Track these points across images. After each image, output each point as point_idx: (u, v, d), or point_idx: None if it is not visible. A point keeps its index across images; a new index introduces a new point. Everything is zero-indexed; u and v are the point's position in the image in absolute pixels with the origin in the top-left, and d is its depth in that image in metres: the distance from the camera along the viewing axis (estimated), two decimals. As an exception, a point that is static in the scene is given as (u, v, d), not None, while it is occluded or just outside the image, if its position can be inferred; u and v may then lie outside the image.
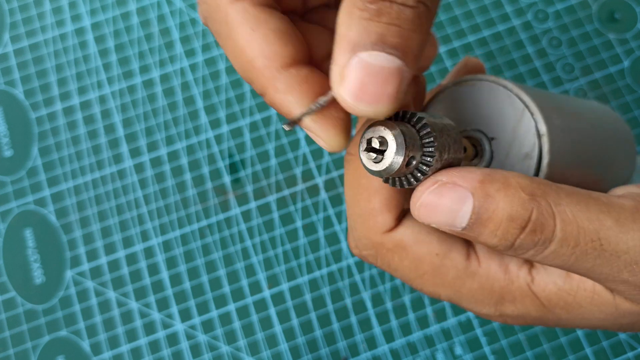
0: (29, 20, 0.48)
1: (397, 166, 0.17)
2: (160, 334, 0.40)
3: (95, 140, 0.45)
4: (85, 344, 0.40)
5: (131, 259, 0.42)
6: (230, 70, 0.46)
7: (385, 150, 0.18)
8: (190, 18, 0.47)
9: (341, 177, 0.43)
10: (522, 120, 0.22)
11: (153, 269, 0.42)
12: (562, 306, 0.21)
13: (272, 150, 0.44)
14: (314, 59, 0.21)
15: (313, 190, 0.43)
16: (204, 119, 0.45)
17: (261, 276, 0.41)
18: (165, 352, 0.40)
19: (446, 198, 0.18)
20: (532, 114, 0.22)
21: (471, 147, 0.22)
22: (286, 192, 0.43)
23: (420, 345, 0.40)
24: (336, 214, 0.42)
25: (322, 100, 0.19)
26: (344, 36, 0.16)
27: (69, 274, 0.42)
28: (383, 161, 0.18)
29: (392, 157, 0.17)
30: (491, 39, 0.46)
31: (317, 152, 0.44)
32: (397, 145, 0.17)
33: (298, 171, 0.44)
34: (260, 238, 0.42)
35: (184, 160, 0.44)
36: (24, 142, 0.45)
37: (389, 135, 0.17)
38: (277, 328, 0.40)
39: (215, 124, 0.45)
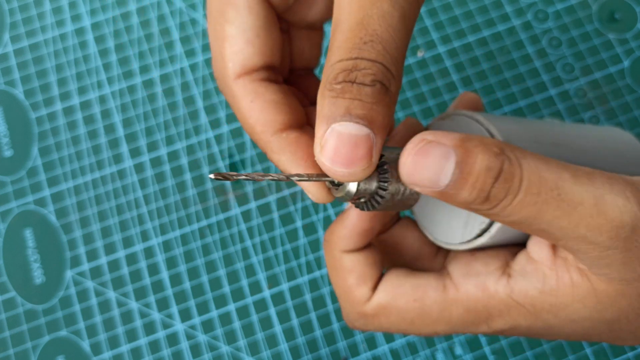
0: (29, 20, 0.48)
1: (352, 193, 0.21)
2: (160, 334, 0.40)
3: (95, 140, 0.45)
4: (85, 344, 0.40)
5: (131, 259, 0.42)
6: (230, 70, 0.46)
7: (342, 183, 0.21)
8: (190, 18, 0.47)
9: (341, 177, 0.43)
10: None
11: (153, 269, 0.42)
12: (548, 309, 0.22)
13: (272, 150, 0.44)
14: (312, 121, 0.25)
15: (313, 190, 0.43)
16: (204, 119, 0.45)
17: (261, 276, 0.41)
18: (165, 352, 0.40)
19: (432, 155, 0.20)
20: None
21: None
22: (286, 192, 0.43)
23: (420, 345, 0.40)
24: (336, 214, 0.42)
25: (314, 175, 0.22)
26: (319, 113, 0.20)
27: (69, 274, 0.42)
28: (340, 188, 0.22)
29: (349, 186, 0.21)
30: (491, 39, 0.46)
31: (317, 152, 0.44)
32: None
33: (298, 171, 0.44)
34: (260, 238, 0.42)
35: (184, 160, 0.44)
36: (24, 142, 0.45)
37: None
38: (277, 328, 0.40)
39: (215, 124, 0.45)
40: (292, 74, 0.28)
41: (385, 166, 0.21)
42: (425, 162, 0.19)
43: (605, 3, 0.47)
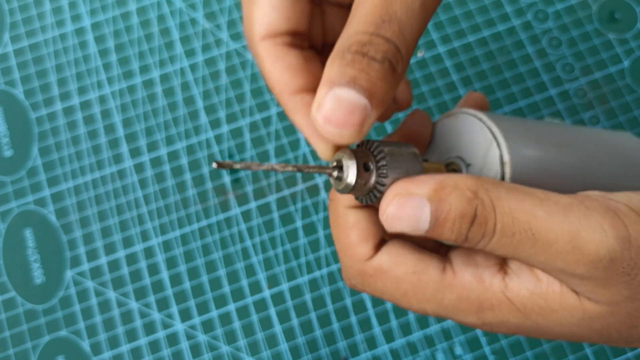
0: (29, 20, 0.48)
1: (351, 186, 0.22)
2: (160, 334, 0.40)
3: (95, 140, 0.45)
4: (85, 344, 0.40)
5: (131, 259, 0.42)
6: (230, 70, 0.46)
7: (342, 176, 0.22)
8: (190, 18, 0.47)
9: (341, 177, 0.43)
10: (490, 149, 0.25)
11: (153, 269, 0.42)
12: (537, 311, 0.22)
13: (272, 150, 0.44)
14: None
15: (313, 190, 0.43)
16: (204, 119, 0.45)
17: (261, 276, 0.41)
18: (165, 352, 0.40)
19: (407, 208, 0.21)
20: (498, 143, 0.24)
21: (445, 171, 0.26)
22: (286, 192, 0.43)
23: (420, 345, 0.40)
24: (336, 214, 0.42)
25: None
26: (325, 75, 0.21)
27: (69, 274, 0.42)
28: (342, 182, 0.22)
29: (348, 179, 0.22)
30: (491, 39, 0.46)
31: (317, 152, 0.44)
32: (351, 169, 0.22)
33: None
34: (260, 238, 0.42)
35: (184, 160, 0.44)
36: (24, 142, 0.45)
37: (346, 162, 0.22)
38: (277, 328, 0.40)
39: (215, 124, 0.45)
40: (325, 47, 0.29)
41: (383, 161, 0.22)
42: (402, 215, 0.21)
43: (605, 3, 0.47)
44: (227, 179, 0.44)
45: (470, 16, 0.47)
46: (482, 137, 0.25)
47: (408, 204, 0.21)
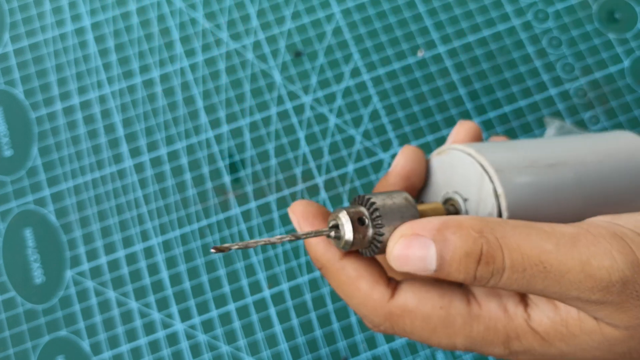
0: (29, 20, 0.48)
1: (350, 242, 0.23)
2: (160, 333, 0.40)
3: (95, 140, 0.45)
4: (85, 344, 0.40)
5: (131, 258, 0.42)
6: (230, 70, 0.46)
7: (340, 236, 0.23)
8: (190, 18, 0.47)
9: (341, 176, 0.43)
10: (483, 183, 0.25)
11: (153, 269, 0.42)
12: (560, 338, 0.22)
13: (272, 150, 0.44)
14: None
15: (313, 190, 0.43)
16: (204, 118, 0.45)
17: (261, 276, 0.41)
18: (165, 352, 0.40)
19: (413, 248, 0.21)
20: (490, 177, 0.25)
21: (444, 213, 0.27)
22: (286, 192, 0.43)
23: (420, 345, 0.40)
24: (336, 213, 0.42)
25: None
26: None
27: (69, 273, 0.42)
28: (340, 240, 0.23)
29: (346, 236, 0.23)
30: (491, 39, 0.46)
31: (317, 152, 0.44)
32: (347, 227, 0.23)
33: (298, 171, 0.44)
34: (260, 238, 0.42)
35: (184, 160, 0.44)
36: (24, 142, 0.45)
37: (341, 221, 0.23)
38: (277, 328, 0.40)
39: (215, 123, 0.45)
40: None
41: (376, 212, 0.23)
42: (408, 255, 0.21)
43: (605, 3, 0.47)
44: (227, 178, 0.44)
45: (470, 16, 0.47)
46: (474, 172, 0.25)
47: (413, 243, 0.21)
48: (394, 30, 0.47)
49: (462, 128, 0.31)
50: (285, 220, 0.42)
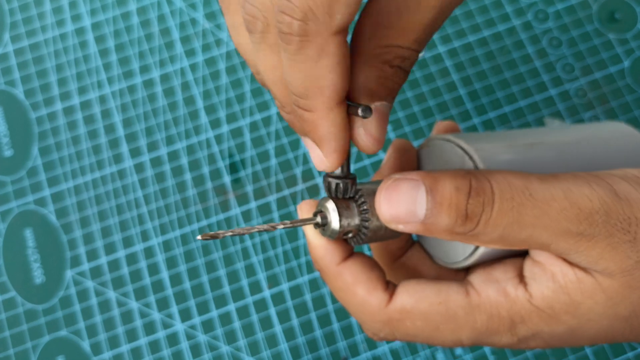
0: (29, 20, 0.48)
1: (337, 231, 0.23)
2: (160, 334, 0.40)
3: (95, 140, 0.45)
4: (85, 344, 0.40)
5: (131, 259, 0.42)
6: (230, 70, 0.46)
7: (327, 222, 0.23)
8: (190, 18, 0.47)
9: (341, 177, 0.43)
10: (464, 163, 0.25)
11: (153, 269, 0.42)
12: (565, 310, 0.22)
13: (272, 150, 0.44)
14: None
15: (313, 190, 0.43)
16: (204, 119, 0.45)
17: (261, 276, 0.41)
18: (165, 352, 0.40)
19: (403, 189, 0.21)
20: (470, 156, 0.25)
21: None
22: (286, 192, 0.43)
23: (420, 345, 0.40)
24: (336, 214, 0.42)
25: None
26: (366, 87, 0.21)
27: (69, 273, 0.42)
28: (326, 228, 0.23)
29: (332, 224, 0.23)
30: (491, 39, 0.46)
31: (317, 152, 0.44)
32: (333, 215, 0.23)
33: (298, 171, 0.44)
34: (261, 238, 0.42)
35: (184, 160, 0.44)
36: (24, 142, 0.45)
37: (327, 210, 0.23)
38: (277, 328, 0.40)
39: (215, 124, 0.45)
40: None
41: (364, 200, 0.23)
42: (398, 197, 0.21)
43: (605, 3, 0.47)
44: (227, 179, 0.44)
45: (470, 16, 0.47)
46: (455, 155, 0.26)
47: (403, 184, 0.21)
48: (394, 30, 0.47)
49: (442, 126, 0.31)
50: (286, 220, 0.42)
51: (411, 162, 0.28)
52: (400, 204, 0.21)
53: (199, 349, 0.40)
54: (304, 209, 0.25)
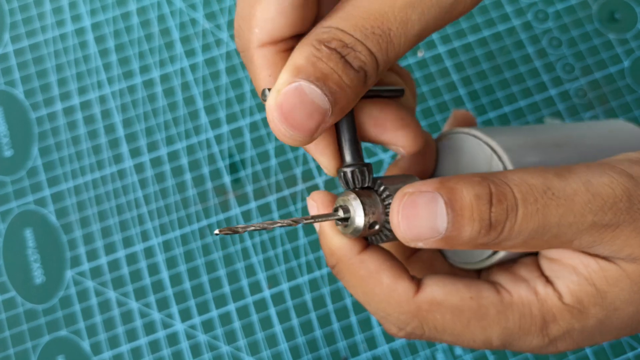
0: (29, 20, 0.48)
1: (361, 228, 0.21)
2: (160, 333, 0.40)
3: (95, 140, 0.45)
4: (85, 344, 0.40)
5: (131, 259, 0.42)
6: (230, 70, 0.46)
7: (349, 217, 0.21)
8: (190, 18, 0.47)
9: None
10: (492, 163, 0.24)
11: (153, 269, 0.42)
12: (593, 302, 0.21)
13: (272, 150, 0.44)
14: None
15: (313, 190, 0.43)
16: (204, 119, 0.45)
17: (261, 276, 0.41)
18: (165, 352, 0.40)
19: (420, 204, 0.19)
20: (499, 157, 0.24)
21: None
22: (286, 192, 0.43)
23: (420, 345, 0.40)
24: (336, 214, 0.42)
25: None
26: (293, 59, 0.19)
27: (69, 273, 0.42)
28: (349, 225, 0.22)
29: (356, 221, 0.21)
30: (491, 39, 0.46)
31: (317, 152, 0.44)
32: (357, 212, 0.21)
33: (298, 171, 0.44)
34: (261, 238, 0.42)
35: (184, 160, 0.44)
36: (24, 142, 0.45)
37: (351, 205, 0.21)
38: (277, 328, 0.40)
39: (215, 124, 0.45)
40: None
41: (388, 195, 0.21)
42: (416, 214, 0.19)
43: (605, 3, 0.47)
44: (227, 179, 0.44)
45: (470, 16, 0.47)
46: (482, 153, 0.25)
47: (419, 200, 0.19)
48: (394, 30, 0.47)
49: (458, 116, 0.30)
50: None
51: (431, 154, 0.27)
52: (420, 221, 0.19)
53: (199, 349, 0.40)
54: (317, 199, 0.23)
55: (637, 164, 0.22)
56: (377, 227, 0.22)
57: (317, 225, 0.24)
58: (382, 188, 0.22)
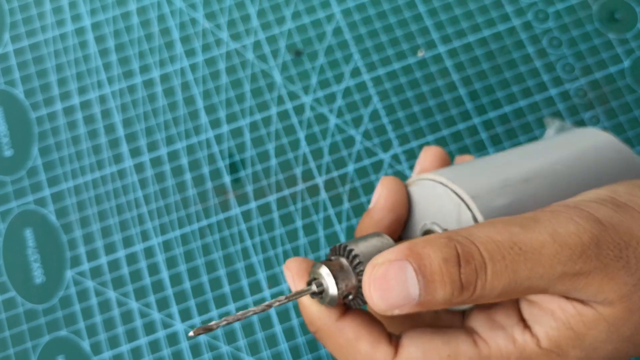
0: (29, 20, 0.48)
1: (336, 297, 0.22)
2: (160, 333, 0.40)
3: (95, 140, 0.45)
4: (85, 344, 0.40)
5: (131, 259, 0.42)
6: (230, 70, 0.46)
7: (323, 290, 0.22)
8: (190, 18, 0.47)
9: (341, 176, 0.43)
10: (460, 211, 0.24)
11: (153, 269, 0.42)
12: (572, 344, 0.22)
13: (272, 150, 0.44)
14: None
15: (313, 190, 0.43)
16: (204, 118, 0.45)
17: (261, 276, 0.41)
18: (165, 352, 0.40)
19: (390, 274, 0.20)
20: (467, 205, 0.24)
21: None
22: (286, 192, 0.43)
23: (420, 345, 0.40)
24: (336, 213, 0.42)
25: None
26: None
27: (69, 273, 0.42)
28: (324, 298, 0.22)
29: (330, 291, 0.22)
30: (491, 39, 0.46)
31: (317, 152, 0.44)
32: (329, 282, 0.22)
33: (298, 171, 0.44)
34: (260, 238, 0.42)
35: (184, 160, 0.44)
36: (24, 142, 0.45)
37: (322, 276, 0.22)
38: (277, 328, 0.40)
39: (215, 124, 0.45)
40: None
41: (360, 262, 0.22)
42: (388, 285, 0.20)
43: (606, 3, 0.47)
44: (227, 179, 0.44)
45: (470, 16, 0.47)
46: (449, 201, 0.25)
47: (389, 271, 0.20)
48: (394, 30, 0.47)
49: (429, 154, 0.30)
50: (286, 220, 0.42)
51: (402, 202, 0.27)
52: (392, 292, 0.20)
53: (199, 349, 0.40)
54: (292, 268, 0.24)
55: (605, 204, 0.22)
56: (351, 296, 0.22)
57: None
58: (353, 257, 0.22)
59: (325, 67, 0.46)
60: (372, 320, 0.24)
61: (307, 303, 0.24)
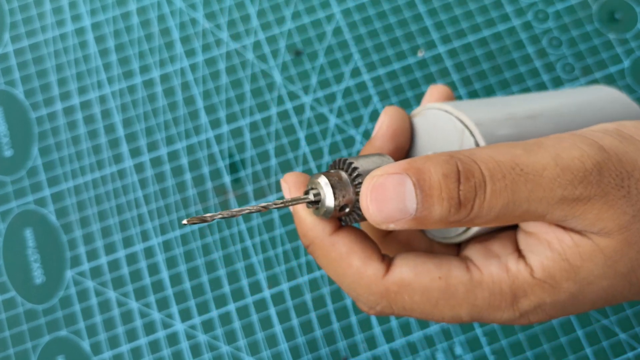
0: (29, 20, 0.48)
1: (331, 210, 0.22)
2: (160, 334, 0.40)
3: (95, 140, 0.45)
4: (85, 344, 0.40)
5: (131, 259, 0.42)
6: (230, 70, 0.46)
7: (320, 200, 0.22)
8: (190, 18, 0.47)
9: (341, 177, 0.43)
10: (463, 138, 0.24)
11: (153, 269, 0.42)
12: (566, 276, 0.21)
13: (272, 150, 0.44)
14: None
15: (313, 190, 0.43)
16: (204, 119, 0.45)
17: (261, 276, 0.41)
18: (165, 352, 0.40)
19: (389, 186, 0.20)
20: (470, 131, 0.24)
21: None
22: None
23: (420, 345, 0.40)
24: (336, 214, 0.42)
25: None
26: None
27: (69, 273, 0.42)
28: (320, 208, 0.22)
29: (327, 202, 0.22)
30: (491, 39, 0.46)
31: (317, 152, 0.44)
32: (327, 193, 0.21)
33: (298, 171, 0.44)
34: (260, 238, 0.42)
35: (184, 160, 0.44)
36: (24, 142, 0.45)
37: (321, 187, 0.22)
38: (277, 328, 0.40)
39: (215, 124, 0.45)
40: None
41: (359, 175, 0.22)
42: (385, 196, 0.20)
43: (605, 3, 0.47)
44: (227, 179, 0.44)
45: (470, 16, 0.47)
46: (453, 128, 0.24)
47: (388, 183, 0.20)
48: (394, 30, 0.47)
49: (435, 91, 0.30)
50: (286, 220, 0.42)
51: (405, 131, 0.27)
52: (389, 203, 0.20)
53: (199, 349, 0.40)
54: (289, 180, 0.24)
55: (611, 134, 0.22)
56: (347, 209, 0.22)
57: (291, 207, 0.24)
58: (352, 169, 0.22)
59: (325, 67, 0.46)
60: (365, 237, 0.23)
61: (303, 214, 0.23)
